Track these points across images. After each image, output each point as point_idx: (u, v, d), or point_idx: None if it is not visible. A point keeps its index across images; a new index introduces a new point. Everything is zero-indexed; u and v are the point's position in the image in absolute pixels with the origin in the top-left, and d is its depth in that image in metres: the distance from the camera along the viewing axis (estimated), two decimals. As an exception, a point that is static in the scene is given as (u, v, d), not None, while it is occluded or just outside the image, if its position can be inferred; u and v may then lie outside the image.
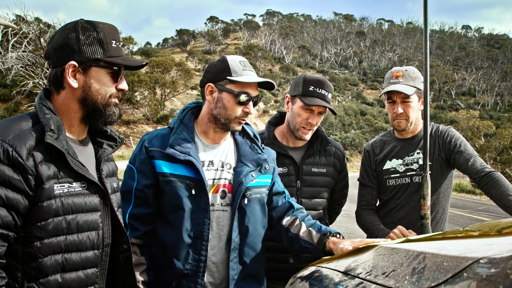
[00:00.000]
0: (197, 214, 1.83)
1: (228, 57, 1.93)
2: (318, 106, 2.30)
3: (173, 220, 1.84)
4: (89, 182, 1.48)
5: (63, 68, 1.46)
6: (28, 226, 1.36)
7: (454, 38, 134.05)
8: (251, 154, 1.99)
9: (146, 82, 33.92)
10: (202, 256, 1.82)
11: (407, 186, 2.55)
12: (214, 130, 1.95)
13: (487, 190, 2.28)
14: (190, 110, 2.01)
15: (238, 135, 2.05)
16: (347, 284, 1.11)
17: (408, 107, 2.48)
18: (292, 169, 2.40)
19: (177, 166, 1.84)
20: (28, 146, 1.35)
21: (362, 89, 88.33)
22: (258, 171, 1.98)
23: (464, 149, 2.45)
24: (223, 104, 1.88)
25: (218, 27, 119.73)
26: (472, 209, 17.13)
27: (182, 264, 1.81)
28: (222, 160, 1.96)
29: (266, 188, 2.03)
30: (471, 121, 39.45)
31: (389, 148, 2.66)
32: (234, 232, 1.88)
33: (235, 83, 1.87)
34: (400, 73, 2.52)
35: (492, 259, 0.70)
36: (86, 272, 1.49)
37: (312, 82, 2.31)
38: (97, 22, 1.51)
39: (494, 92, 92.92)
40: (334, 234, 1.91)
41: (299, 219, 2.03)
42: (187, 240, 1.82)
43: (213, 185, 1.90)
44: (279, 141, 2.48)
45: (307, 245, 1.95)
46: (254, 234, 1.96)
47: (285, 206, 2.08)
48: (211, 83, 1.90)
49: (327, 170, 2.47)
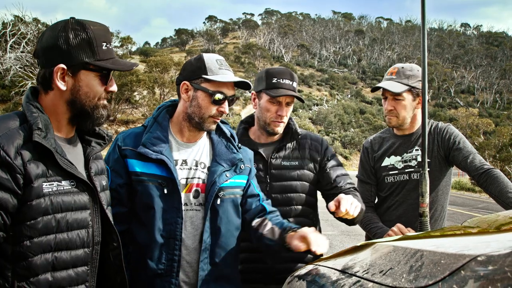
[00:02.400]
0: (169, 214, 1.81)
1: (205, 55, 1.91)
2: (285, 96, 2.24)
3: (145, 219, 1.82)
4: (78, 180, 1.47)
5: (51, 70, 1.44)
6: (17, 225, 1.35)
7: (453, 36, 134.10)
8: (226, 154, 1.97)
9: (145, 82, 33.97)
10: (175, 256, 1.80)
11: (405, 183, 2.54)
12: (188, 128, 1.93)
13: (486, 187, 2.28)
14: (165, 108, 1.99)
15: (214, 134, 2.02)
16: (344, 282, 1.10)
17: (398, 104, 2.48)
18: (261, 165, 2.31)
19: (149, 165, 1.82)
20: (16, 145, 1.34)
21: (361, 88, 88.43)
22: (233, 171, 1.95)
23: (463, 147, 2.44)
24: (198, 102, 1.86)
25: (217, 27, 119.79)
26: (471, 206, 17.16)
27: (156, 264, 1.79)
28: (196, 159, 1.93)
29: (240, 189, 2.00)
30: (470, 119, 39.54)
31: (387, 145, 2.65)
32: (205, 233, 1.85)
33: (210, 82, 1.85)
34: (395, 70, 2.52)
35: (489, 257, 0.69)
36: (77, 270, 1.48)
37: (274, 74, 2.26)
38: (87, 22, 1.48)
39: (493, 89, 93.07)
40: (294, 229, 1.88)
41: (267, 219, 2.01)
42: (159, 239, 1.80)
43: (186, 185, 1.88)
44: (250, 138, 2.41)
45: (270, 242, 1.93)
46: (227, 235, 1.93)
47: (257, 209, 2.04)
48: (186, 81, 1.88)
49: (301, 163, 2.33)
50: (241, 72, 79.80)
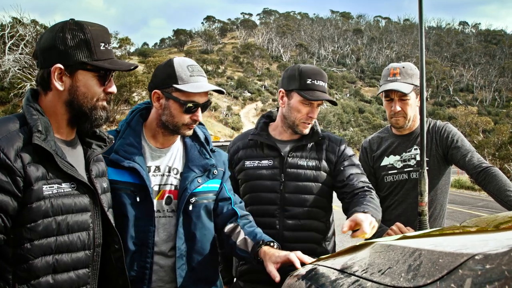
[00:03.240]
0: (141, 221, 1.78)
1: (175, 61, 1.83)
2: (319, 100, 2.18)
3: (118, 227, 1.77)
4: (79, 183, 1.47)
5: (49, 70, 1.44)
6: (18, 228, 1.35)
7: (451, 35, 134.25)
8: (199, 159, 1.92)
9: (144, 83, 33.90)
10: (147, 263, 1.78)
11: (404, 182, 2.54)
12: (163, 134, 1.89)
13: (485, 185, 2.28)
14: (139, 112, 1.95)
15: (187, 138, 1.98)
16: (343, 282, 1.10)
17: (406, 104, 2.48)
18: (277, 162, 2.26)
19: (121, 172, 1.78)
20: (16, 148, 1.33)
21: (360, 87, 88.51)
22: (206, 177, 1.91)
23: (461, 145, 2.45)
24: (170, 111, 1.81)
25: (215, 27, 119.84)
26: (471, 205, 17.17)
27: (128, 271, 1.74)
28: (169, 165, 1.90)
29: (213, 194, 1.96)
30: (469, 117, 39.53)
31: (386, 144, 2.65)
32: (179, 240, 1.82)
33: (181, 92, 1.78)
34: (398, 70, 2.50)
35: (487, 255, 0.69)
36: (78, 272, 1.47)
37: (309, 74, 2.19)
38: (86, 23, 1.48)
39: (492, 88, 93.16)
40: (268, 243, 1.85)
41: (240, 226, 1.97)
42: (132, 247, 1.77)
43: (158, 191, 1.85)
44: (269, 133, 2.36)
45: (243, 254, 1.90)
46: (203, 241, 1.90)
47: (229, 213, 2.00)
48: (157, 89, 1.83)
49: (318, 164, 2.25)
50: (240, 72, 79.78)
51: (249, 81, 73.41)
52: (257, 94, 68.04)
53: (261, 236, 1.90)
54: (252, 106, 62.55)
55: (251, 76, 78.53)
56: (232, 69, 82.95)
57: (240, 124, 50.47)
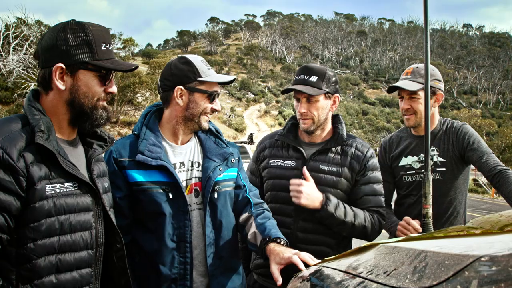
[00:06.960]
0: (177, 217, 1.82)
1: (191, 58, 1.92)
2: (300, 93, 2.19)
3: (153, 226, 1.82)
4: (81, 182, 1.48)
5: (50, 69, 1.45)
6: (21, 227, 1.35)
7: (455, 37, 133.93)
8: (216, 149, 2.00)
9: (148, 84, 33.94)
10: (187, 258, 1.82)
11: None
12: (183, 131, 1.95)
13: (498, 187, 2.28)
14: (153, 114, 1.99)
15: (201, 133, 2.04)
16: (348, 283, 1.10)
17: (414, 102, 2.49)
18: (299, 164, 2.26)
19: (150, 172, 1.82)
20: (19, 148, 1.34)
21: (363, 89, 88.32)
22: (225, 165, 1.98)
23: (478, 147, 2.45)
24: (197, 103, 1.90)
25: (219, 28, 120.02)
26: (474, 207, 17.10)
27: (169, 269, 1.80)
28: (191, 159, 1.96)
29: (233, 181, 2.03)
30: (473, 119, 39.42)
31: (404, 144, 2.68)
32: (207, 228, 1.88)
33: (205, 84, 1.89)
34: (411, 69, 2.55)
35: (493, 257, 0.69)
36: (81, 272, 1.48)
37: (297, 71, 2.27)
38: (87, 23, 1.49)
39: (495, 90, 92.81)
40: (274, 239, 1.87)
41: (253, 217, 2.02)
42: (170, 244, 1.81)
43: (186, 186, 1.90)
44: (297, 134, 2.38)
45: (252, 247, 1.96)
46: (229, 227, 1.97)
47: (244, 201, 2.07)
48: (180, 85, 1.89)
49: (339, 170, 2.23)
50: (244, 74, 79.78)
51: (253, 83, 73.41)
52: (260, 95, 67.97)
53: (270, 231, 1.92)
54: (256, 107, 62.46)
55: (255, 77, 78.51)
56: (236, 70, 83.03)
57: (243, 126, 50.40)
